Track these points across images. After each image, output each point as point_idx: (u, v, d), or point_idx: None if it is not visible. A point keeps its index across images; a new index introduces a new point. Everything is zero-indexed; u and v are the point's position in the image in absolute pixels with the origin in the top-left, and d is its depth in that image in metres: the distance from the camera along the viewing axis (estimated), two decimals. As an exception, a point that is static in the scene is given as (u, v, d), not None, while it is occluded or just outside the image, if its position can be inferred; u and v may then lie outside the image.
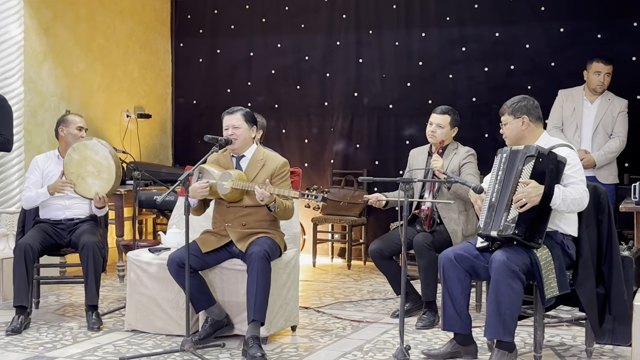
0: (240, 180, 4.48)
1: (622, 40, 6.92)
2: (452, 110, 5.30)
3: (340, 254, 8.00)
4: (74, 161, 5.10)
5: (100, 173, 5.08)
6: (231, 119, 4.61)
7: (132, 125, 7.92)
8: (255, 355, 4.20)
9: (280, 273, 4.68)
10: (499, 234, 3.95)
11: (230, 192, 4.48)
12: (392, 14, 7.78)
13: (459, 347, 4.23)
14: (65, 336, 4.77)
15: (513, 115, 4.20)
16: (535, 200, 3.88)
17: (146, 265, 4.83)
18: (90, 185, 5.08)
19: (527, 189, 3.88)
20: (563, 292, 3.97)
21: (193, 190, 4.50)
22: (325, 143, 8.08)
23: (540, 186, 3.88)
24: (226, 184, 4.48)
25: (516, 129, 4.20)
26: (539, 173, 3.91)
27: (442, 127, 5.26)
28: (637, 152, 6.52)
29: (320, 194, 4.20)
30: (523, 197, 3.88)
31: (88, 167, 5.08)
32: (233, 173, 4.51)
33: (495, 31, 7.42)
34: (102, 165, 5.08)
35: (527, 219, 3.90)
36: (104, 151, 5.09)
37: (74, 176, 5.09)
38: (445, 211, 5.20)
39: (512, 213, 3.92)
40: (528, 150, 3.96)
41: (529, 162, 3.92)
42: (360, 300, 5.93)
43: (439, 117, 5.28)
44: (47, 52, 6.83)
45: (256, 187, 4.36)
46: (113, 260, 6.75)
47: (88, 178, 5.08)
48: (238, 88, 8.36)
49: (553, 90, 6.45)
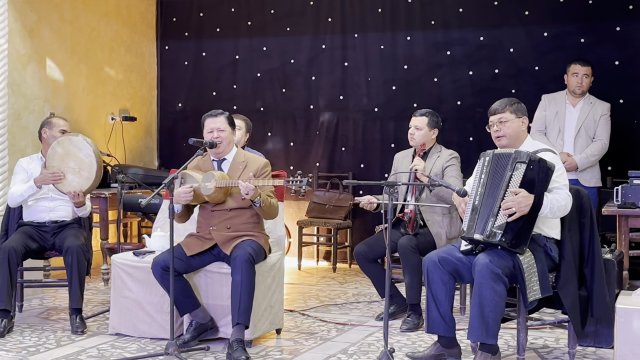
0: (223, 179, 4.49)
1: (605, 44, 6.98)
2: (431, 112, 5.34)
3: (326, 256, 8.01)
4: (57, 154, 5.07)
5: (81, 170, 5.05)
6: (215, 121, 4.63)
7: (117, 128, 7.90)
8: (239, 358, 4.21)
9: (265, 276, 4.68)
10: (484, 239, 3.96)
11: (214, 192, 4.48)
12: (377, 17, 7.81)
13: (443, 349, 4.24)
14: (49, 340, 4.75)
15: (515, 114, 4.20)
16: (524, 210, 3.88)
17: (130, 269, 4.82)
18: (69, 181, 5.05)
19: (517, 198, 3.87)
20: (545, 294, 3.99)
21: (177, 196, 4.50)
22: (310, 146, 8.09)
23: (530, 196, 3.88)
24: (209, 184, 4.48)
25: (518, 128, 4.20)
26: (529, 180, 3.90)
27: (420, 129, 5.30)
28: (620, 156, 6.57)
29: (305, 178, 4.22)
30: (513, 206, 3.87)
31: (70, 162, 5.05)
32: (216, 173, 4.53)
33: (480, 35, 7.46)
34: (84, 162, 5.05)
35: (514, 228, 3.90)
36: (87, 149, 5.06)
37: (55, 170, 5.07)
38: (428, 214, 5.22)
39: (500, 220, 3.92)
40: (519, 155, 3.93)
41: (520, 168, 3.90)
42: (345, 303, 5.94)
43: (417, 120, 5.33)
44: (31, 54, 6.80)
45: (240, 181, 4.37)
46: (97, 264, 6.72)
47: (68, 174, 5.05)
48: (223, 91, 8.35)
49: (537, 94, 6.49)
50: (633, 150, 6.78)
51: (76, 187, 5.04)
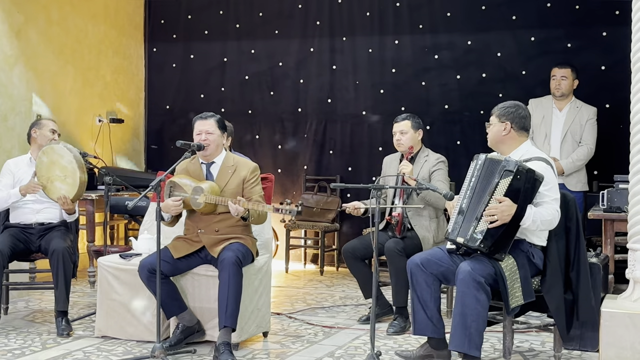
0: (213, 194, 4.48)
1: (592, 49, 7.03)
2: (411, 115, 5.38)
3: (313, 260, 8.01)
4: (44, 164, 5.08)
5: (66, 177, 5.05)
6: (204, 124, 4.61)
7: (104, 130, 7.87)
8: None
9: (252, 279, 4.68)
10: (465, 242, 3.97)
11: (204, 207, 4.50)
12: (365, 21, 7.82)
13: (432, 350, 4.25)
14: (34, 342, 4.73)
15: (499, 118, 4.22)
16: (506, 219, 3.88)
17: (117, 271, 4.81)
18: (57, 189, 5.06)
19: (500, 206, 3.88)
20: (528, 300, 3.99)
21: (166, 207, 4.50)
22: (298, 149, 8.09)
23: (513, 205, 3.88)
24: (199, 199, 4.48)
25: (497, 133, 4.21)
26: (514, 190, 3.89)
27: (405, 132, 5.32)
28: (606, 160, 6.60)
29: (295, 208, 4.21)
30: (495, 213, 3.88)
31: (56, 171, 5.06)
32: (204, 186, 4.51)
33: (468, 39, 7.49)
34: (68, 169, 5.05)
35: (494, 234, 3.91)
36: (68, 156, 5.07)
37: (44, 179, 5.07)
38: (416, 218, 5.23)
39: (482, 225, 3.93)
40: (508, 164, 3.92)
41: (507, 177, 3.89)
42: (332, 306, 5.94)
43: (400, 125, 5.35)
44: (18, 55, 6.77)
45: (230, 203, 4.36)
46: (84, 266, 6.68)
47: (56, 182, 5.06)
48: (211, 94, 8.34)
49: (524, 99, 6.43)
50: (619, 155, 6.76)
51: (65, 195, 5.04)
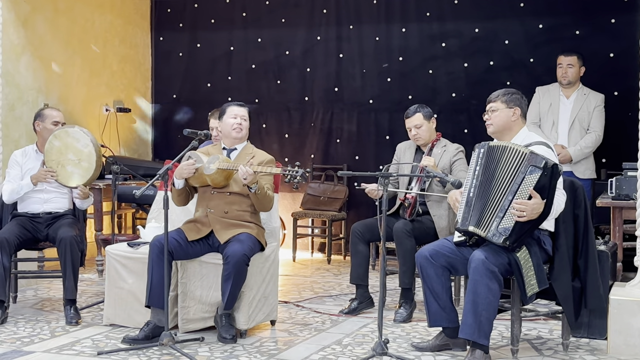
0: (227, 162, 4.57)
1: (600, 36, 6.98)
2: (419, 105, 5.34)
3: (320, 248, 8.01)
4: (55, 148, 5.08)
5: (81, 161, 5.06)
6: (241, 110, 4.83)
7: (111, 119, 7.88)
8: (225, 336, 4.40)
9: (260, 267, 4.69)
10: (486, 237, 3.92)
11: (215, 173, 4.54)
12: (372, 9, 7.80)
13: (448, 339, 4.26)
14: (43, 330, 4.75)
15: (506, 104, 4.17)
16: (534, 216, 3.85)
17: (125, 260, 4.82)
18: (69, 173, 5.06)
19: (531, 203, 3.82)
20: (542, 287, 3.99)
21: (180, 169, 4.58)
22: (305, 138, 8.08)
23: (542, 202, 3.83)
24: (212, 165, 4.56)
25: (506, 118, 4.18)
26: (541, 187, 3.83)
27: (419, 126, 5.29)
28: (614, 148, 6.56)
29: (301, 169, 4.28)
30: (525, 210, 3.82)
31: (69, 154, 5.06)
32: (221, 157, 4.63)
33: (475, 27, 7.46)
34: (83, 153, 5.06)
35: (520, 231, 3.87)
36: (85, 139, 5.08)
37: (54, 163, 5.07)
38: (435, 209, 5.20)
39: (508, 221, 3.86)
40: (535, 160, 3.83)
41: (535, 172, 3.82)
42: (339, 295, 5.95)
43: (413, 119, 5.30)
44: (25, 45, 6.77)
45: (241, 166, 4.44)
46: (92, 255, 6.71)
47: (68, 166, 5.06)
48: (218, 82, 8.33)
49: (531, 86, 6.49)
50: (627, 143, 6.73)
51: (77, 179, 5.04)
